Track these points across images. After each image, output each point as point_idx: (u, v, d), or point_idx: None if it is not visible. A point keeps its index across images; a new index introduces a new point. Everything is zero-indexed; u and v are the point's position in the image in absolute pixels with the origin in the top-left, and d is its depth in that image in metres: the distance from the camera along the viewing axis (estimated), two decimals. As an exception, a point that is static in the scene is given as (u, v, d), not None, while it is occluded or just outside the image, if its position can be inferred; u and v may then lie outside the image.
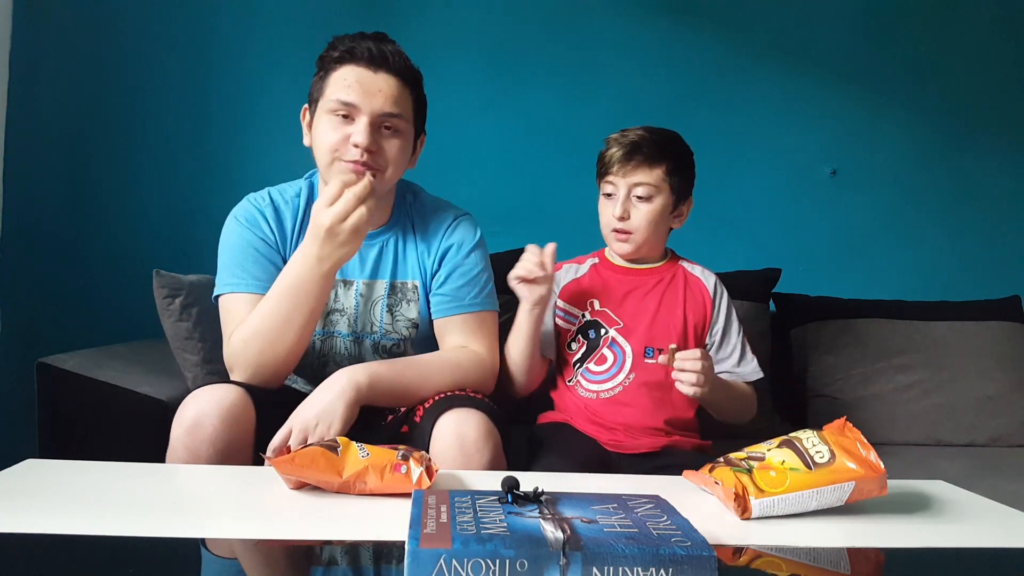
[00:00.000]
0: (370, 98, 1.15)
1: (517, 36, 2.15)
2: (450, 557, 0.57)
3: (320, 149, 1.19)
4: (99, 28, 2.03)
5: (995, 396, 1.90)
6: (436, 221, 1.30)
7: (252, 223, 1.24)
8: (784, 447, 0.91)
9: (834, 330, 1.99)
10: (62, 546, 0.70)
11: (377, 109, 1.16)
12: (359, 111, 1.15)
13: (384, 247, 1.28)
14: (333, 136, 1.16)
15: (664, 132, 1.39)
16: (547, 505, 0.69)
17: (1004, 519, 0.94)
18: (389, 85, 1.17)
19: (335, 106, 1.16)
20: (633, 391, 1.36)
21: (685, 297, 1.40)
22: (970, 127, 2.31)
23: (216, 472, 0.98)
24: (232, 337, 1.16)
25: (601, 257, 1.48)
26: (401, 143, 1.20)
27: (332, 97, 1.16)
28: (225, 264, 1.22)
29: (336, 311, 1.26)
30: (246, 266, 1.21)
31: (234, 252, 1.22)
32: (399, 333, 1.28)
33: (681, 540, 0.61)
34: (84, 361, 1.50)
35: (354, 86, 1.15)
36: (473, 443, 1.05)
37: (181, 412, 1.05)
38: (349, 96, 1.15)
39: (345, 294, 1.26)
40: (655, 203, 1.35)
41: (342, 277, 1.26)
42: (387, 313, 1.27)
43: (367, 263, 1.27)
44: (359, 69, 1.16)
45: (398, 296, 1.28)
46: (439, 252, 1.29)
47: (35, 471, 0.92)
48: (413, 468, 0.86)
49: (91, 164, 2.05)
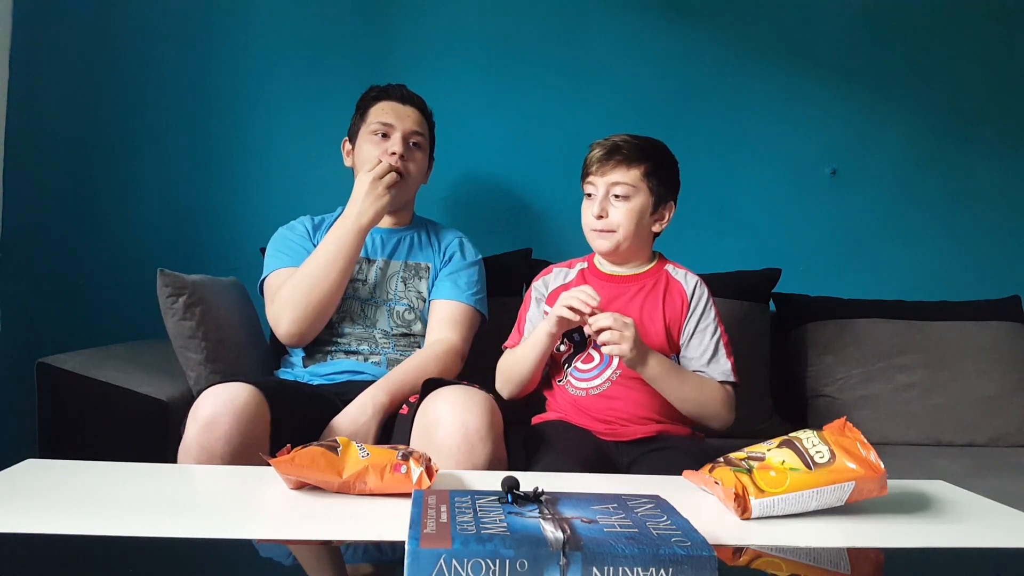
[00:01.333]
0: (402, 120, 1.56)
1: (517, 36, 2.15)
2: (450, 557, 0.57)
3: (365, 161, 1.52)
4: (99, 28, 2.03)
5: (995, 396, 1.90)
6: (447, 235, 1.66)
7: (291, 228, 1.60)
8: (784, 447, 0.91)
9: (834, 330, 1.99)
10: (62, 546, 0.70)
11: (408, 128, 1.56)
12: (394, 129, 1.54)
13: (403, 238, 1.62)
14: (375, 151, 1.53)
15: (647, 139, 1.41)
16: (547, 505, 0.69)
17: (1004, 519, 0.94)
18: (415, 113, 1.59)
19: (376, 127, 1.55)
20: (622, 385, 1.37)
21: (664, 301, 1.41)
22: (970, 127, 2.31)
23: (216, 472, 0.99)
24: (280, 290, 1.44)
25: (590, 262, 1.49)
26: (423, 157, 1.60)
27: (373, 121, 1.55)
28: (271, 254, 1.55)
29: (359, 280, 1.54)
30: (283, 251, 1.54)
31: (273, 248, 1.56)
32: (410, 301, 1.55)
33: (681, 540, 0.61)
34: (84, 361, 1.50)
35: (390, 112, 1.56)
36: (476, 432, 1.07)
37: (196, 410, 1.06)
38: (388, 118, 1.55)
39: (368, 269, 1.56)
40: (633, 202, 1.36)
41: (366, 256, 1.56)
42: (402, 283, 1.56)
43: (388, 246, 1.60)
44: (392, 103, 1.58)
45: (411, 272, 1.58)
46: (448, 253, 1.61)
47: (35, 471, 0.93)
48: (413, 468, 0.86)
49: (91, 164, 2.04)
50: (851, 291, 2.11)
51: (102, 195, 2.04)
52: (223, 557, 0.74)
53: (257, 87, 2.06)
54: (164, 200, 2.06)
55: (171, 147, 2.07)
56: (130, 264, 1.97)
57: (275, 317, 1.45)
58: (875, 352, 1.95)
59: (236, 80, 2.06)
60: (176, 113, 2.06)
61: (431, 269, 1.58)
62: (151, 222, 2.05)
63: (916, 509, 0.94)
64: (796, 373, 2.01)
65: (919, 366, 1.93)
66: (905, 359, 1.94)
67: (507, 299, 1.74)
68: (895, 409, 1.89)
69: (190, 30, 2.06)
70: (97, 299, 2.02)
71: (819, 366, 1.98)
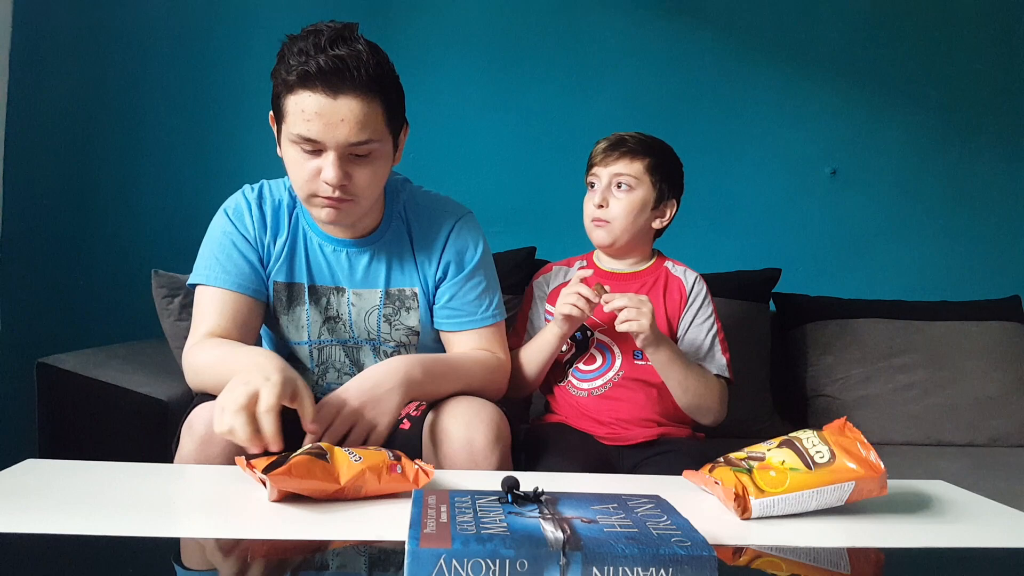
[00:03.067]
0: (333, 130, 1.03)
1: (517, 36, 2.15)
2: (450, 557, 0.57)
3: (294, 182, 1.12)
4: (99, 28, 2.03)
5: (995, 396, 1.90)
6: (436, 225, 1.23)
7: (237, 216, 1.19)
8: (784, 447, 0.91)
9: (834, 330, 1.99)
10: (62, 546, 0.70)
11: (343, 140, 1.04)
12: (324, 145, 1.04)
13: (375, 254, 1.21)
14: (302, 172, 1.08)
15: (653, 137, 1.41)
16: (547, 505, 0.69)
17: (1004, 519, 0.94)
18: (352, 110, 1.03)
19: (298, 140, 1.05)
20: (623, 387, 1.37)
21: (665, 297, 1.41)
22: (970, 127, 2.31)
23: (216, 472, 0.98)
24: (188, 351, 1.13)
25: (589, 260, 1.49)
26: (375, 166, 1.10)
27: (293, 131, 1.05)
28: (203, 253, 1.19)
29: (332, 318, 1.21)
30: (220, 259, 1.17)
31: (212, 243, 1.19)
32: (398, 341, 1.23)
33: (681, 540, 0.61)
34: (84, 361, 1.50)
35: (314, 119, 1.03)
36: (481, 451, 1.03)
37: (191, 424, 1.01)
38: (310, 132, 1.03)
39: (339, 301, 1.21)
40: (635, 194, 1.36)
41: (334, 284, 1.21)
42: (384, 323, 1.22)
43: (357, 271, 1.20)
44: (316, 97, 1.02)
45: (395, 305, 1.22)
46: (443, 261, 1.23)
47: (35, 471, 0.92)
48: (408, 466, 0.86)
49: (91, 164, 2.04)
50: (851, 291, 2.11)
51: (102, 195, 2.04)
52: (223, 557, 0.74)
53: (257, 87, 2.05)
54: (164, 200, 2.06)
55: (171, 147, 2.07)
56: (130, 264, 1.97)
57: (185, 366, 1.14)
58: (875, 352, 1.95)
59: (236, 80, 2.06)
60: (176, 113, 2.06)
61: (418, 296, 1.22)
62: (151, 222, 2.05)
63: (916, 509, 0.94)
64: (796, 373, 2.01)
65: (919, 366, 1.93)
66: (905, 359, 1.94)
67: (510, 298, 1.74)
68: (895, 409, 1.89)
69: (190, 30, 2.06)
70: (97, 299, 2.02)
71: (819, 366, 1.97)
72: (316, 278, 1.21)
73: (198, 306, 1.17)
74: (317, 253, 1.21)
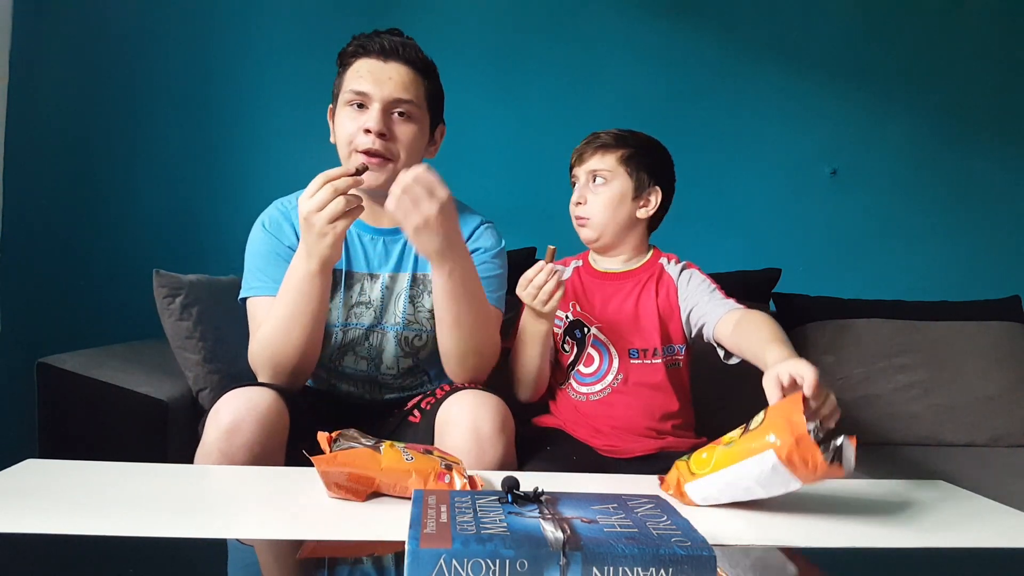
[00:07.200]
0: (380, 86, 1.20)
1: (518, 36, 2.16)
2: (450, 557, 0.57)
3: (339, 141, 1.24)
4: (99, 28, 2.03)
5: (995, 396, 1.90)
6: (464, 223, 1.31)
7: (276, 229, 1.27)
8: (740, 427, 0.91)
9: (834, 330, 1.99)
10: (62, 546, 0.70)
11: (388, 96, 1.21)
12: (371, 99, 1.21)
13: (408, 242, 1.27)
14: (350, 126, 1.22)
15: (631, 131, 1.41)
16: (547, 505, 0.69)
17: (1004, 519, 0.94)
18: (399, 73, 1.22)
19: (350, 96, 1.22)
20: (622, 393, 1.35)
21: (658, 294, 1.40)
22: (969, 127, 2.31)
23: (216, 472, 0.98)
24: (252, 341, 1.21)
25: (584, 260, 1.48)
26: (414, 130, 1.24)
27: (347, 88, 1.23)
28: (250, 268, 1.27)
29: (362, 303, 1.29)
30: (268, 271, 1.24)
31: (257, 257, 1.27)
32: (420, 324, 1.30)
33: (681, 540, 0.61)
34: (84, 361, 1.50)
35: (366, 76, 1.21)
36: (488, 438, 1.06)
37: (216, 415, 1.02)
38: (361, 85, 1.21)
39: (371, 287, 1.29)
40: (611, 187, 1.37)
41: (368, 271, 1.29)
42: (409, 304, 1.30)
43: (391, 256, 1.31)
44: (371, 60, 1.22)
45: (419, 288, 1.31)
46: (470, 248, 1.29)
47: (35, 471, 0.92)
48: (456, 479, 0.86)
49: (91, 164, 2.04)
50: (851, 291, 2.11)
51: (102, 195, 2.04)
52: (222, 557, 0.74)
53: (257, 87, 2.06)
54: (164, 200, 2.06)
55: (171, 147, 2.07)
56: (130, 264, 1.97)
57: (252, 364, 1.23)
58: (875, 352, 1.95)
59: (236, 80, 2.06)
60: (176, 113, 2.06)
61: None
62: (151, 222, 2.05)
63: (916, 509, 0.94)
64: (796, 373, 2.00)
65: (919, 366, 1.93)
66: (905, 359, 1.94)
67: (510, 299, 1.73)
68: (895, 409, 1.89)
69: (190, 30, 2.06)
70: (97, 299, 2.02)
71: (819, 366, 1.96)
72: (353, 265, 1.29)
73: (253, 315, 1.25)
74: (355, 241, 1.30)
